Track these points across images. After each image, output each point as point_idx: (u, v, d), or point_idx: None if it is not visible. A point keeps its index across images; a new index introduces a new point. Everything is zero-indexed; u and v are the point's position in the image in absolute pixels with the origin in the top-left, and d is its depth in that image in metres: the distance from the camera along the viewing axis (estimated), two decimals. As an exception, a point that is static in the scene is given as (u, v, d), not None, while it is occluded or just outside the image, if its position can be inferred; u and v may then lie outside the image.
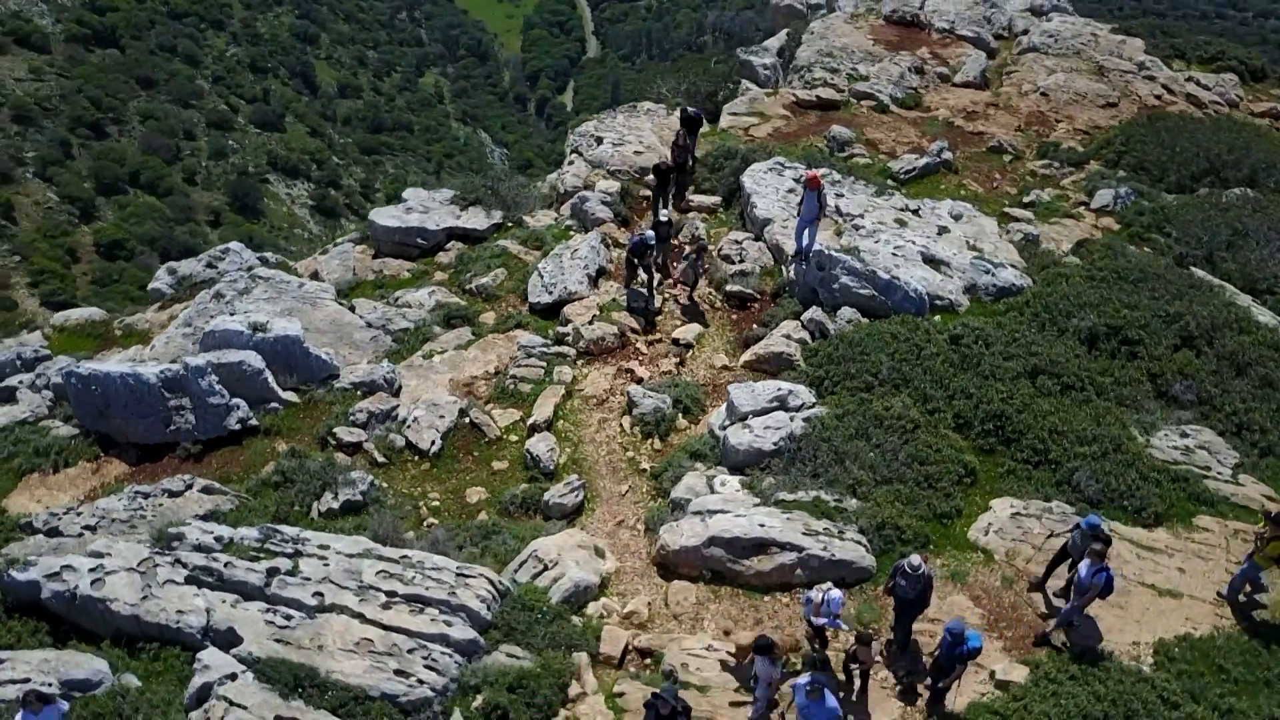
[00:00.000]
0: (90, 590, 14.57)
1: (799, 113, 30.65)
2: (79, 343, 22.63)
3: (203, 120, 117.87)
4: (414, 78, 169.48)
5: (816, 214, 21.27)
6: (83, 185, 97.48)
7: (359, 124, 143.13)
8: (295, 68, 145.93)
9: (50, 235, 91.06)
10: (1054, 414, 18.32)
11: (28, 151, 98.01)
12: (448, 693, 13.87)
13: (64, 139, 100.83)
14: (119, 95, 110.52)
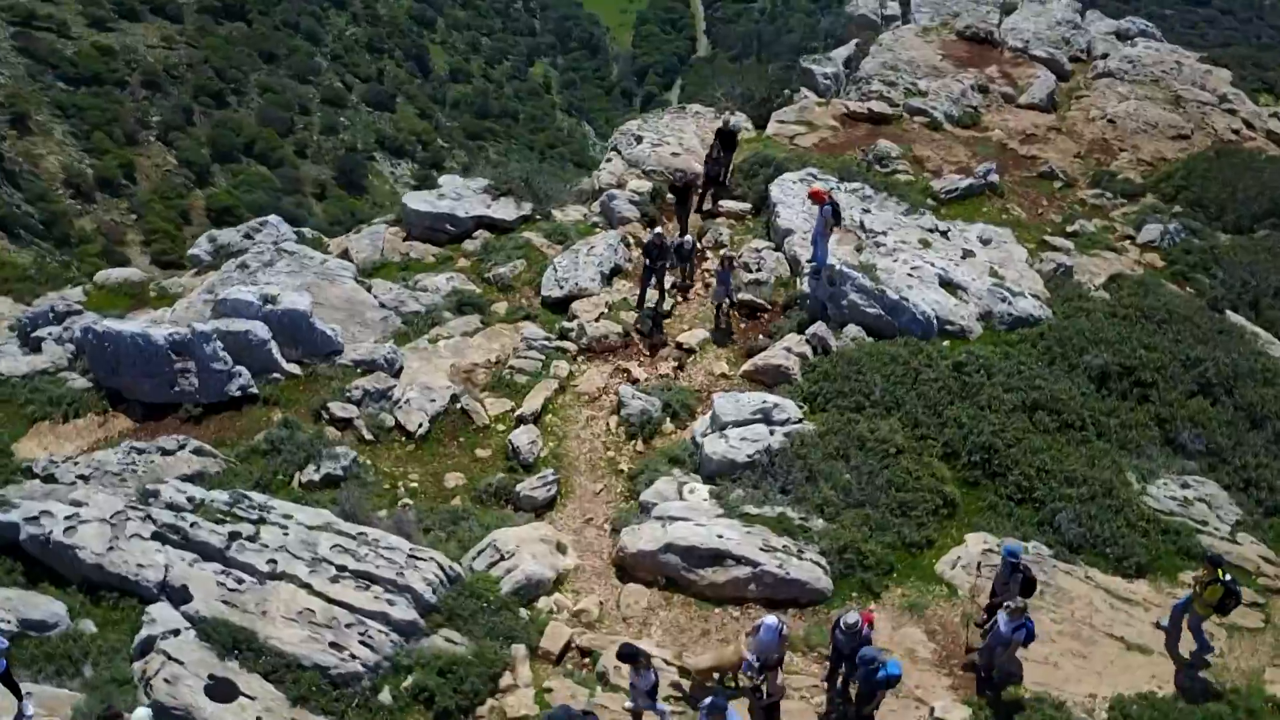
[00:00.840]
0: (62, 536, 15.28)
1: (848, 124, 30.21)
2: (114, 301, 23.66)
3: (317, 96, 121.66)
4: (524, 67, 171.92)
5: (822, 227, 20.96)
6: (200, 151, 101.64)
7: (467, 109, 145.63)
8: (410, 50, 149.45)
9: (166, 197, 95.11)
10: (1045, 451, 17.75)
11: (153, 116, 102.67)
12: (379, 670, 14.14)
13: (187, 106, 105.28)
14: (242, 67, 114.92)
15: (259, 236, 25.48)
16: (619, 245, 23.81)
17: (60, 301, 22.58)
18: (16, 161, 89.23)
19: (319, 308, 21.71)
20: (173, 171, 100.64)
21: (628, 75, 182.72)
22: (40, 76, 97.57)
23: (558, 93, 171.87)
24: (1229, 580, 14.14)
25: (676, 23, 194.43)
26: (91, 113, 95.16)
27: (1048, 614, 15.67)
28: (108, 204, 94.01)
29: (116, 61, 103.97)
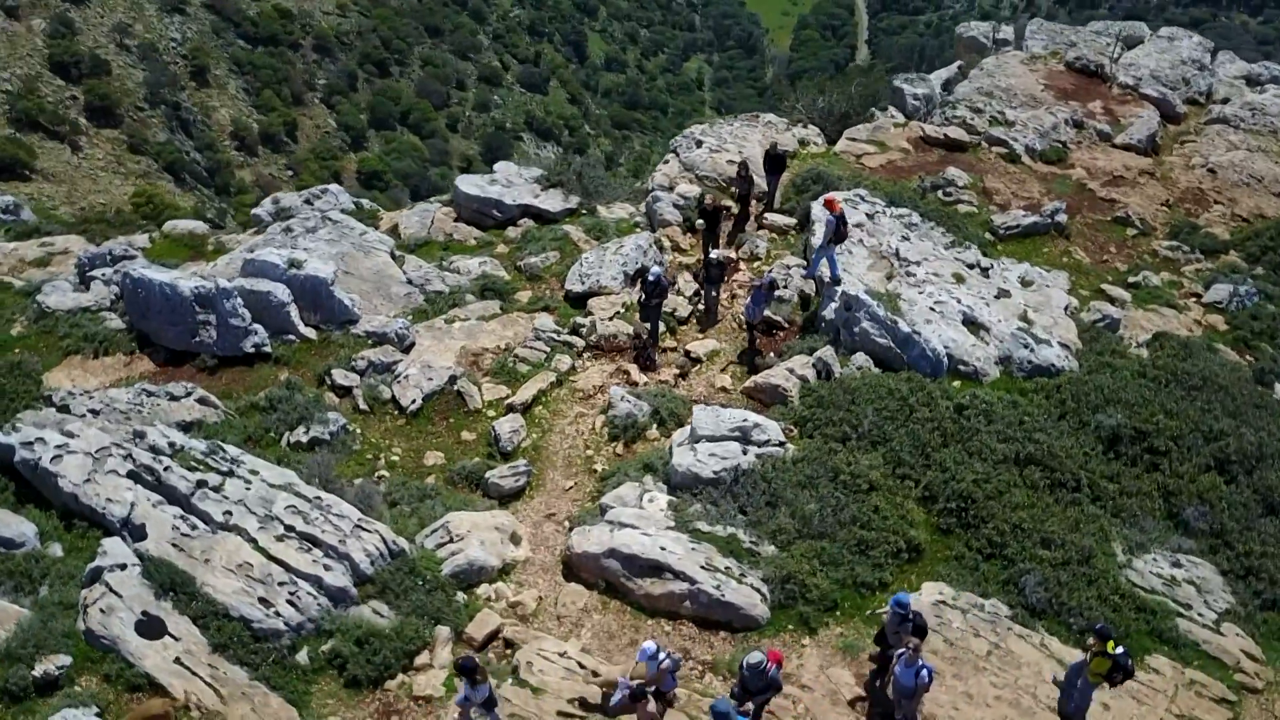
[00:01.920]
0: (48, 464, 16.37)
1: (922, 149, 29.34)
2: (175, 251, 25.10)
3: (475, 73, 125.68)
4: (679, 61, 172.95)
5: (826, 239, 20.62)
6: (359, 116, 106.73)
7: (617, 98, 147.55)
8: (569, 35, 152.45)
9: (321, 157, 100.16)
10: (1026, 508, 16.95)
11: (319, 79, 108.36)
12: (301, 631, 14.65)
13: (352, 72, 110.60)
14: (407, 39, 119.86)
15: (318, 203, 26.62)
16: (650, 247, 23.81)
17: (121, 246, 24.08)
18: (192, 111, 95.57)
19: (348, 277, 22.55)
20: (330, 133, 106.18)
21: (782, 78, 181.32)
22: (223, 33, 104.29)
23: (709, 90, 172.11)
24: (1119, 654, 13.41)
25: (838, 30, 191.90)
26: (264, 71, 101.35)
27: (990, 677, 15.03)
28: (268, 159, 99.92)
29: (293, 24, 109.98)
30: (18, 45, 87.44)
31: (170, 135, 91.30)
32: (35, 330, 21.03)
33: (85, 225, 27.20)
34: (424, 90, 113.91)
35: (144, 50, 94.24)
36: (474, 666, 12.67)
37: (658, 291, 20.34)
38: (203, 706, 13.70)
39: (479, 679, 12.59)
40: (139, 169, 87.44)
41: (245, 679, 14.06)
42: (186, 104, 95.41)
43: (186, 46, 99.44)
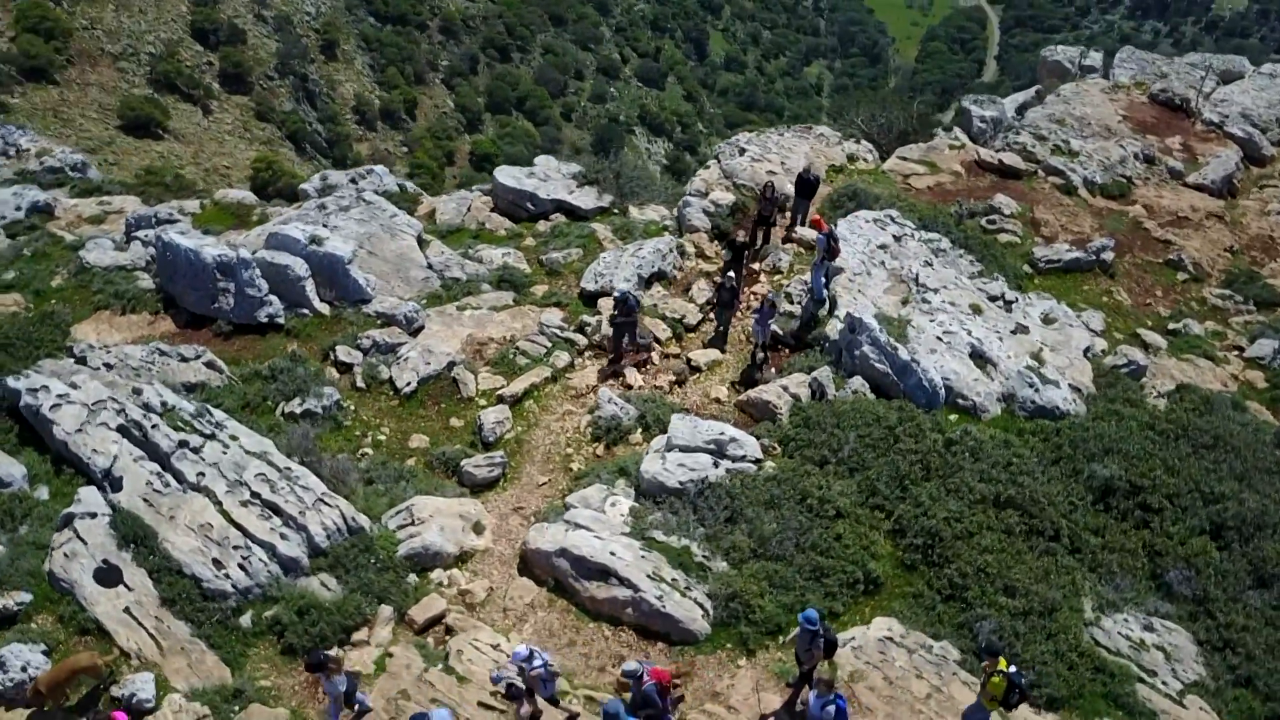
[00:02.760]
0: (47, 411, 17.34)
1: (974, 173, 28.54)
2: (221, 218, 26.15)
3: (594, 64, 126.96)
4: (799, 65, 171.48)
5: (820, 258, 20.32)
6: (476, 99, 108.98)
7: (733, 98, 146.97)
8: (691, 33, 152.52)
9: (437, 136, 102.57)
10: (995, 552, 16.39)
11: (442, 60, 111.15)
12: (248, 595, 15.20)
13: (474, 55, 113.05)
14: (530, 26, 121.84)
15: (363, 183, 27.36)
16: (669, 252, 23.78)
17: (168, 210, 25.21)
18: (319, 84, 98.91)
19: (371, 258, 23.16)
20: (448, 114, 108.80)
21: (903, 90, 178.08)
22: (355, 10, 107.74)
23: (827, 96, 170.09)
24: (1012, 672, 12.99)
25: (967, 44, 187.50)
26: (390, 49, 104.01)
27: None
28: (386, 134, 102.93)
29: (422, 6, 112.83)
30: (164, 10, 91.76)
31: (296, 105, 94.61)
32: (73, 284, 22.20)
33: (144, 187, 28.48)
34: (542, 78, 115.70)
35: (279, 22, 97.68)
36: (321, 662, 12.87)
37: (624, 311, 20.05)
38: (142, 656, 14.35)
39: (331, 671, 12.75)
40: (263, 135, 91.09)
41: (187, 635, 14.67)
42: (314, 76, 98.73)
43: (319, 20, 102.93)
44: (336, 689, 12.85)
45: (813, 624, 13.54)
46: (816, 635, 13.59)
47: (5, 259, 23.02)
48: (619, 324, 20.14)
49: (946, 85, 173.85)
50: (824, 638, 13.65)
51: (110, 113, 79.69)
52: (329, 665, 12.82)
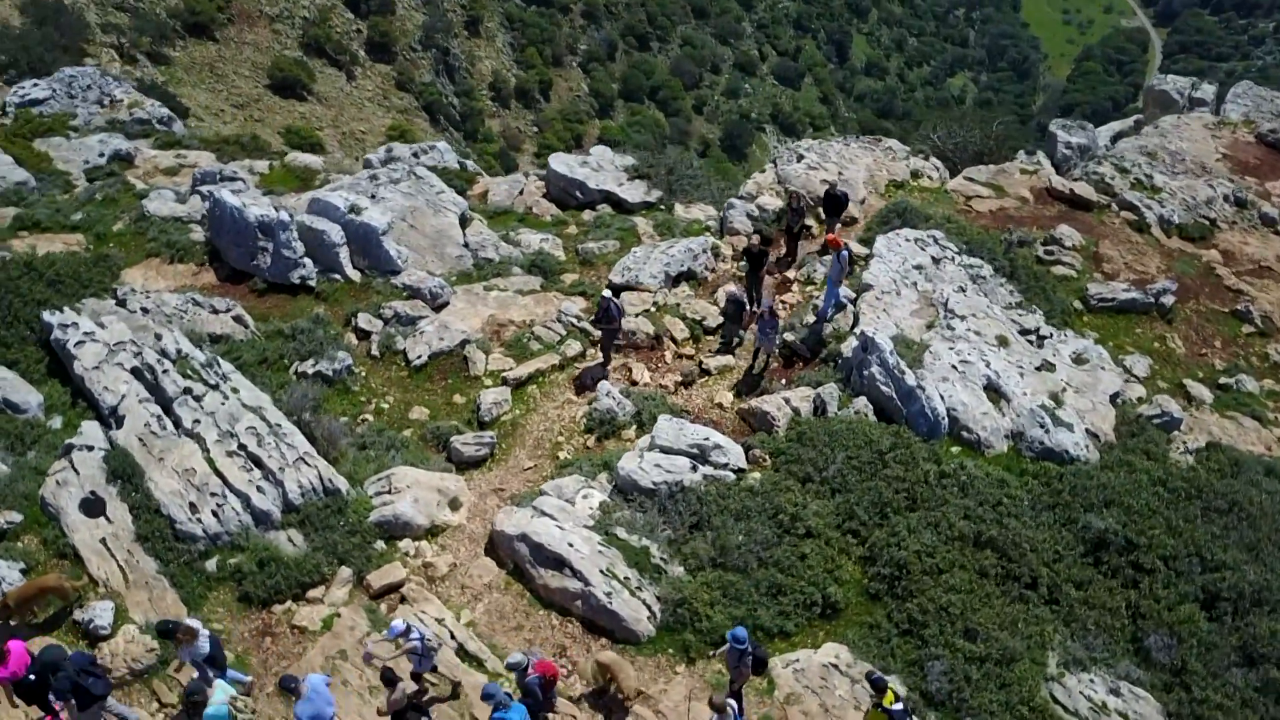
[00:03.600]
0: (72, 347, 18.44)
1: (1043, 200, 27.43)
2: (286, 180, 27.22)
3: (732, 59, 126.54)
4: (943, 76, 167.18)
5: (839, 275, 19.88)
6: (611, 85, 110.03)
7: (870, 104, 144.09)
8: (834, 34, 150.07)
9: (567, 119, 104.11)
10: (963, 592, 15.87)
11: (581, 44, 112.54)
12: (217, 541, 15.86)
13: (613, 42, 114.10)
14: (672, 16, 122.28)
15: (424, 157, 28.06)
16: (702, 252, 23.66)
17: (237, 168, 26.37)
18: (459, 58, 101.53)
19: (411, 231, 23.78)
20: (581, 98, 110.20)
21: (1051, 109, 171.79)
22: None
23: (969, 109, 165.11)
24: (896, 710, 12.69)
25: (1125, 66, 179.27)
26: (532, 30, 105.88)
27: (855, 755, 14.32)
28: (518, 113, 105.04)
29: None
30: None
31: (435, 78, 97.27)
32: (131, 230, 23.47)
33: (221, 145, 29.83)
34: (678, 69, 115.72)
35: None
36: (171, 630, 13.17)
37: (607, 319, 19.72)
38: (109, 585, 15.16)
39: (181, 640, 13.06)
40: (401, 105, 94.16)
41: (154, 571, 15.42)
42: (455, 51, 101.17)
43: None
44: (194, 655, 13.17)
45: (740, 642, 13.39)
46: (745, 653, 13.45)
47: (78, 201, 24.51)
48: (604, 332, 19.97)
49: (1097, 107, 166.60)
50: (752, 655, 13.49)
51: (261, 71, 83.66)
52: (178, 634, 13.11)
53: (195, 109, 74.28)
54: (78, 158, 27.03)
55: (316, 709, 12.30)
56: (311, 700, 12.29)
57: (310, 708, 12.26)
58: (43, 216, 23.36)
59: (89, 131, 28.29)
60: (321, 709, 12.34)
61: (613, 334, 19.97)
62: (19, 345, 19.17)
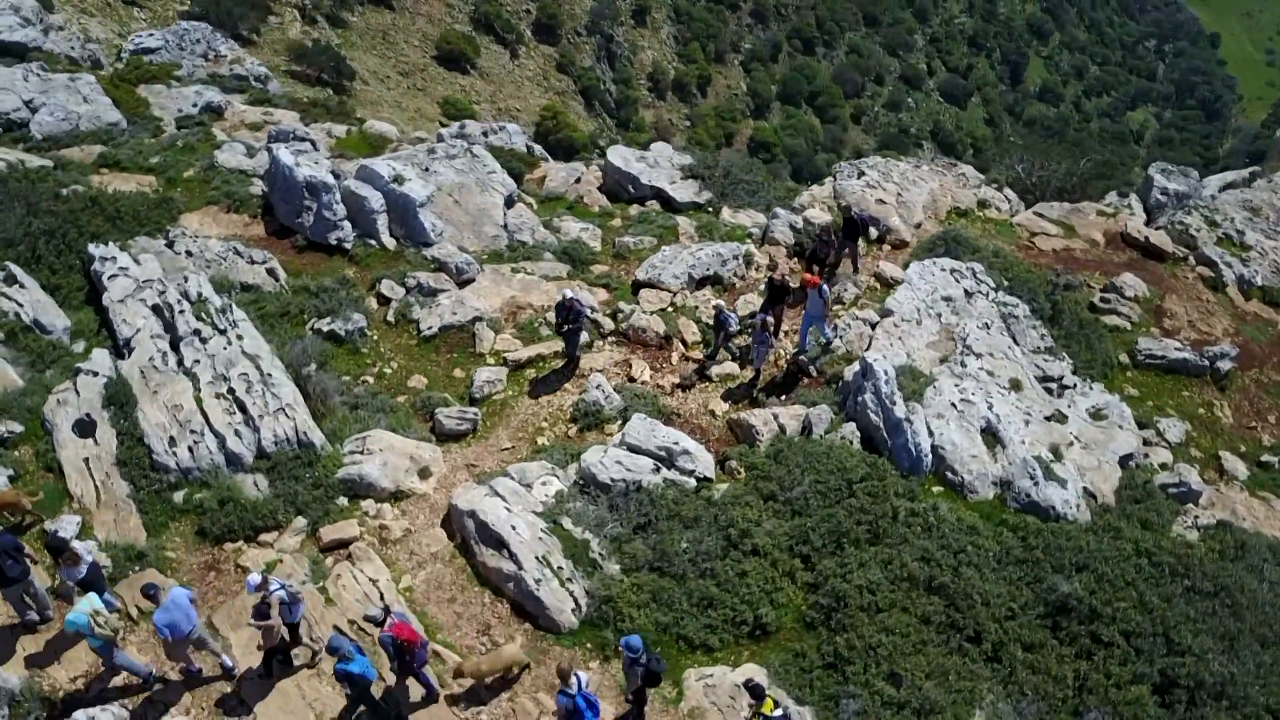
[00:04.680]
0: (105, 280, 19.79)
1: (1114, 245, 26.03)
2: (359, 145, 28.36)
3: (897, 71, 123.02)
4: (1123, 108, 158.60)
5: (820, 311, 19.40)
6: (769, 86, 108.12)
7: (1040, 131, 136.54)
8: (1010, 55, 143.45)
9: (721, 116, 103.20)
10: (898, 635, 15.36)
11: (745, 43, 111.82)
12: (188, 475, 16.81)
13: (777, 43, 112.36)
14: (841, 21, 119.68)
15: (493, 137, 28.80)
16: (732, 258, 23.47)
17: (312, 130, 27.62)
18: (622, 46, 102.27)
19: (455, 207, 24.44)
20: (738, 96, 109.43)
21: (1239, 154, 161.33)
22: None
23: (1147, 146, 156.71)
24: (775, 717, 12.61)
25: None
26: (698, 24, 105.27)
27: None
28: (673, 105, 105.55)
29: None
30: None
31: (595, 63, 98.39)
32: (199, 177, 24.92)
33: (307, 107, 31.24)
34: (840, 76, 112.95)
35: None
36: (60, 547, 13.83)
37: (570, 317, 19.50)
38: (83, 502, 16.30)
39: (64, 561, 13.72)
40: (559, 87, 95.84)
41: (125, 494, 16.48)
42: (619, 39, 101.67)
43: None
44: (72, 576, 13.90)
45: (632, 651, 13.37)
46: (635, 662, 13.41)
47: (160, 146, 26.18)
48: (566, 331, 19.78)
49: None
50: (643, 666, 13.41)
51: (430, 42, 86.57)
52: (64, 555, 13.79)
53: (362, 72, 77.51)
54: (173, 105, 28.85)
55: (172, 618, 13.07)
56: (168, 610, 13.07)
57: (166, 616, 13.05)
58: (124, 157, 25.07)
59: (190, 82, 30.14)
60: (177, 619, 13.09)
61: (576, 334, 19.83)
62: (65, 273, 20.68)
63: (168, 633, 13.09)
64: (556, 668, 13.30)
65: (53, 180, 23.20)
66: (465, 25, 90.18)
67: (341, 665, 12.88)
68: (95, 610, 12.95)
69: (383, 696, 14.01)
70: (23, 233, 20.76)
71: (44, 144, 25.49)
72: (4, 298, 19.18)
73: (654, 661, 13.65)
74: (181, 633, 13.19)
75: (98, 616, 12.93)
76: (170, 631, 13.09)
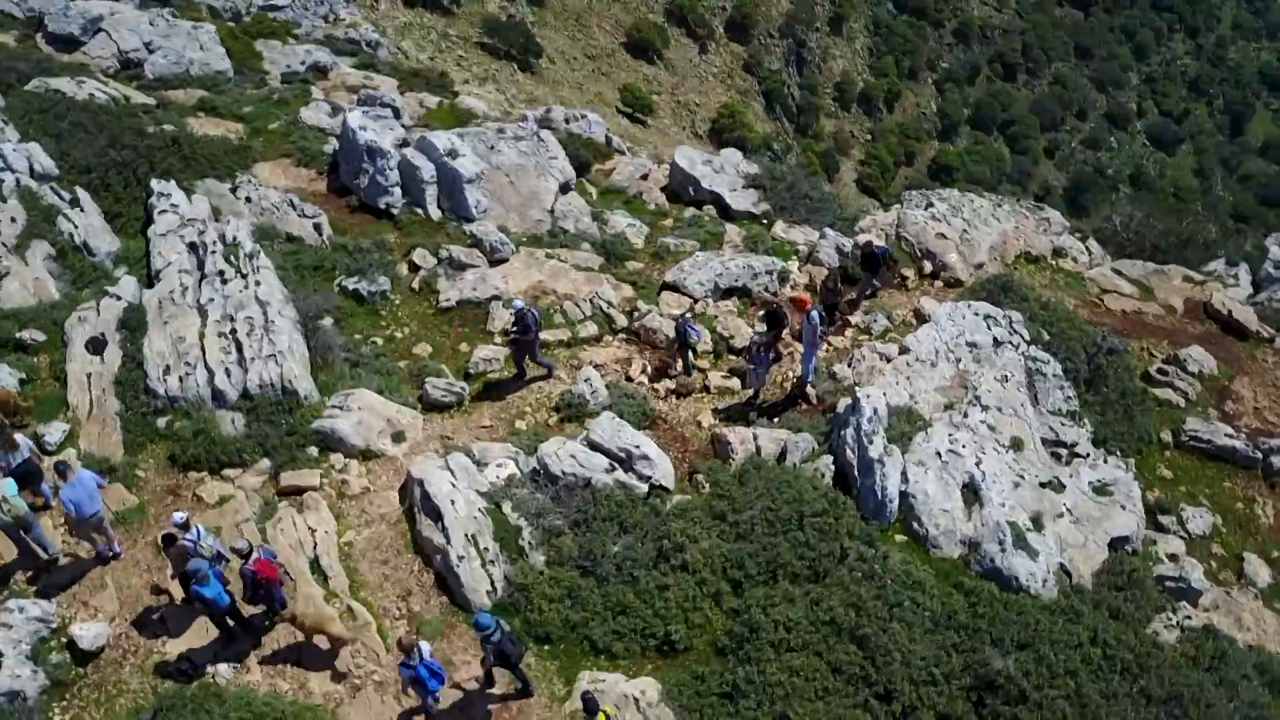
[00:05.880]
0: (155, 215, 21.26)
1: (1193, 315, 24.11)
2: (446, 119, 29.27)
3: (1103, 108, 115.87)
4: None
5: (812, 338, 18.66)
6: (961, 109, 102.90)
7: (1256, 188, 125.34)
8: (1234, 104, 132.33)
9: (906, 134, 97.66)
10: (801, 679, 14.83)
11: (943, 62, 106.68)
12: (175, 404, 17.88)
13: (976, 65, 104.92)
14: (1050, 50, 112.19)
15: (573, 124, 29.23)
16: (764, 273, 23.05)
17: (409, 99, 28.72)
18: (813, 52, 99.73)
19: (509, 187, 24.99)
20: (926, 115, 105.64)
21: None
22: None
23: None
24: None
25: None
26: (896, 38, 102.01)
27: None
28: (856, 118, 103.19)
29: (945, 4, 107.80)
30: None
31: (783, 66, 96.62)
32: (281, 131, 26.36)
33: (406, 76, 32.40)
34: (1038, 106, 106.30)
35: None
36: None
37: (520, 328, 19.09)
38: (75, 413, 17.61)
39: (3, 444, 14.63)
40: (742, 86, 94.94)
41: (114, 411, 17.73)
42: (811, 44, 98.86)
43: None
44: (5, 460, 14.92)
45: (481, 629, 13.48)
46: (486, 640, 13.53)
47: (258, 97, 27.82)
48: (514, 340, 19.47)
49: None
50: (494, 645, 13.51)
51: (621, 29, 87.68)
52: (2, 436, 14.85)
53: (550, 51, 79.52)
54: (283, 61, 30.58)
55: (75, 495, 14.16)
56: (73, 487, 14.18)
57: (70, 492, 14.16)
58: (220, 104, 26.80)
59: (306, 41, 31.87)
60: (80, 498, 14.17)
61: (529, 345, 19.47)
62: (128, 203, 22.33)
63: (71, 508, 14.24)
64: (397, 642, 13.56)
65: (149, 117, 25.04)
66: (659, 15, 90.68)
67: (196, 587, 13.59)
68: (4, 497, 14.02)
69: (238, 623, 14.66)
70: (99, 162, 22.52)
71: (154, 84, 27.54)
72: (64, 218, 20.86)
73: (506, 642, 13.70)
74: (84, 513, 14.29)
75: (3, 504, 13.99)
76: (74, 508, 14.22)
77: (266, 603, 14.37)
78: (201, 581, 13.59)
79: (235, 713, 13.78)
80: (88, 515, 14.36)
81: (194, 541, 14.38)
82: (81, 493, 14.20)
